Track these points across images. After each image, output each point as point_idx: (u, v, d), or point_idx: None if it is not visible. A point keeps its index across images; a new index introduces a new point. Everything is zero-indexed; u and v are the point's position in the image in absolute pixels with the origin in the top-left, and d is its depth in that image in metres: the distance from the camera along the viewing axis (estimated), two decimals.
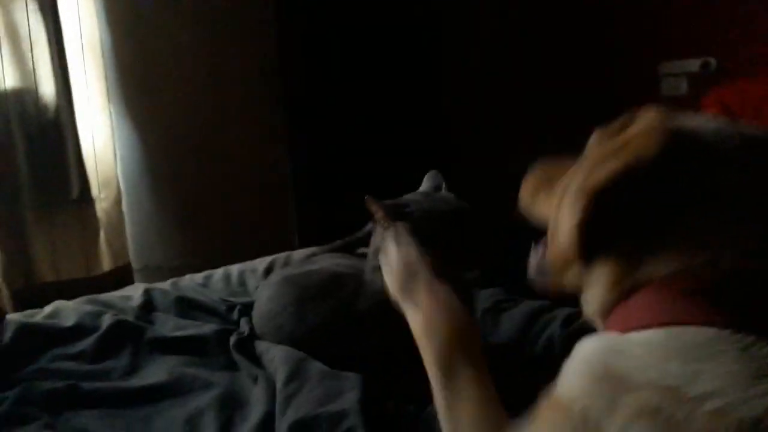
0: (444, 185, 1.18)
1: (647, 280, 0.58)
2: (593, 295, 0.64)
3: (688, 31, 2.87)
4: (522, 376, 0.94)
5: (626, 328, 0.58)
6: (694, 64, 2.80)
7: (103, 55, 2.20)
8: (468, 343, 0.74)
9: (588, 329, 0.71)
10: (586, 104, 3.18)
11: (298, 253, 1.63)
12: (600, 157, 0.64)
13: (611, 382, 0.54)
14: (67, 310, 1.29)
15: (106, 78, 2.21)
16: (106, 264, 2.15)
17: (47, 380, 1.03)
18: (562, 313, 1.21)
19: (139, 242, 2.43)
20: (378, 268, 1.01)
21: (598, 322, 0.65)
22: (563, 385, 0.59)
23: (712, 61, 2.79)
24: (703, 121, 0.64)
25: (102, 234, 2.16)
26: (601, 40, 3.11)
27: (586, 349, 0.60)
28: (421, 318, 0.78)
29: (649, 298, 0.58)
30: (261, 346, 1.11)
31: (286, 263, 1.57)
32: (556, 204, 0.69)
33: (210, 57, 2.62)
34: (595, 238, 0.62)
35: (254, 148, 2.83)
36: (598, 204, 0.60)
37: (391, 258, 0.86)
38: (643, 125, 0.64)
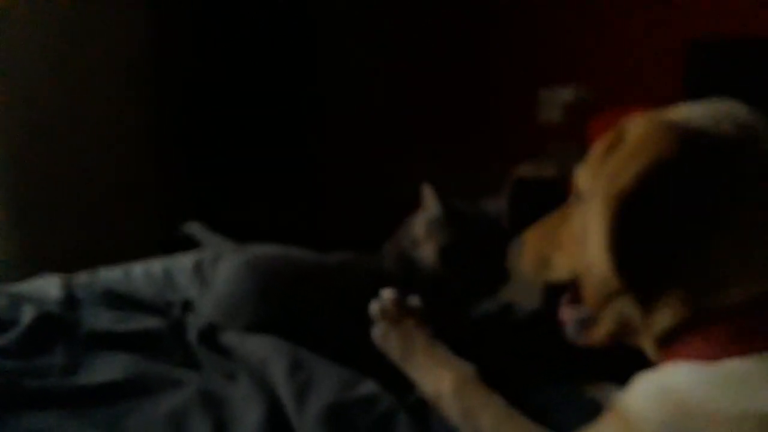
0: None
1: (719, 305, 0.55)
2: (652, 323, 0.60)
3: (565, 61, 3.07)
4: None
5: (707, 358, 0.55)
6: (569, 93, 2.99)
7: None
8: (473, 383, 0.78)
9: None
10: (466, 126, 3.32)
11: (225, 252, 1.49)
12: (615, 168, 0.60)
13: (694, 416, 0.52)
14: None
15: None
16: None
17: None
18: None
19: None
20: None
21: (654, 351, 0.63)
22: (636, 405, 0.57)
23: (587, 90, 2.99)
24: (695, 114, 0.61)
25: None
26: (482, 66, 3.26)
27: (668, 378, 0.57)
28: (425, 380, 0.82)
29: (727, 326, 0.55)
30: (229, 337, 0.99)
31: (214, 261, 1.43)
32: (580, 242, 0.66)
33: (73, 42, 2.38)
34: (634, 253, 0.58)
35: (114, 145, 2.60)
36: (626, 211, 0.57)
37: (387, 333, 0.89)
38: (644, 129, 0.61)
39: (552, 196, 0.80)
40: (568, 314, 0.76)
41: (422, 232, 1.04)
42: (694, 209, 0.56)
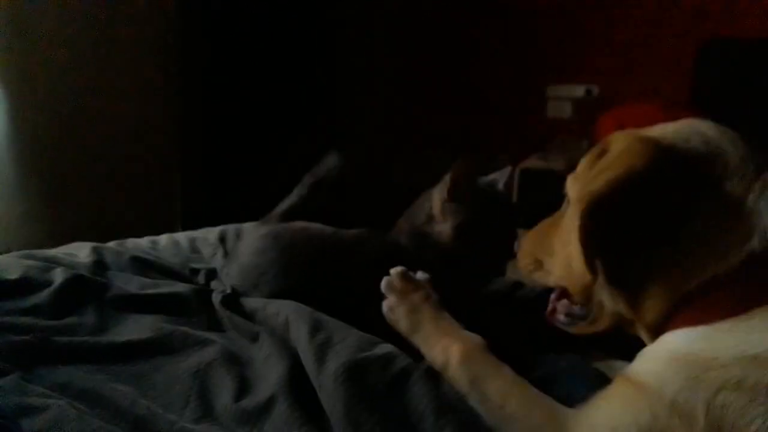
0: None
1: (699, 285, 0.62)
2: (642, 315, 0.68)
3: (574, 58, 3.08)
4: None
5: (700, 324, 0.62)
6: (579, 90, 3.02)
7: None
8: (480, 353, 0.79)
9: None
10: (476, 120, 3.33)
11: (247, 226, 1.52)
12: (592, 176, 0.70)
13: (693, 365, 0.58)
14: (6, 263, 1.11)
15: None
16: None
17: (5, 334, 0.88)
18: None
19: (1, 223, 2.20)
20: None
21: (650, 337, 0.69)
22: (641, 368, 0.63)
23: (595, 88, 3.01)
24: (669, 132, 0.70)
25: None
26: (493, 62, 3.26)
27: (668, 340, 0.64)
28: (433, 351, 0.82)
29: (712, 298, 0.62)
30: (252, 302, 1.02)
31: (237, 234, 1.46)
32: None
33: (98, 23, 2.44)
34: (602, 247, 0.66)
35: (140, 125, 2.65)
36: (594, 210, 0.64)
37: (396, 307, 0.90)
38: (623, 143, 0.70)
39: (557, 188, 0.83)
40: (559, 307, 0.86)
41: (439, 209, 1.05)
42: (660, 214, 0.64)
